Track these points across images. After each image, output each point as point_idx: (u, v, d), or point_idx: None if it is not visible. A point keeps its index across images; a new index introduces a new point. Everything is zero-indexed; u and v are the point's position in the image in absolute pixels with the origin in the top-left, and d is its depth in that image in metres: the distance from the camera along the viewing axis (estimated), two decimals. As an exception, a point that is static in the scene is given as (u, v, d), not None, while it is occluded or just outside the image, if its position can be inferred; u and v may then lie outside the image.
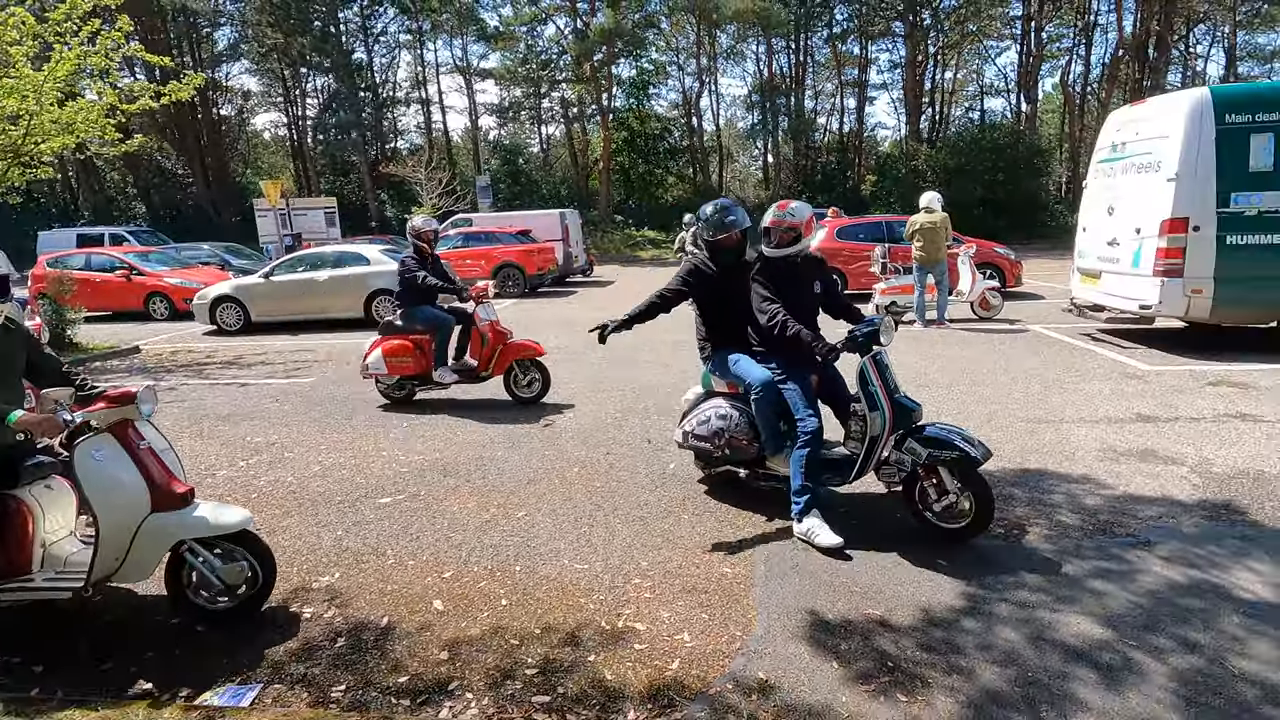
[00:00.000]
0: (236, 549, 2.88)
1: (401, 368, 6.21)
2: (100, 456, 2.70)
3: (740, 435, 3.75)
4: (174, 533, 2.77)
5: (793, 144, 37.06)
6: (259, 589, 2.92)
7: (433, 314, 6.31)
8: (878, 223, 12.74)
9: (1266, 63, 33.84)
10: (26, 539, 2.82)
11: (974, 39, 35.60)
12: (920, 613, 2.85)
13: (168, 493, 2.76)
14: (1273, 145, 6.72)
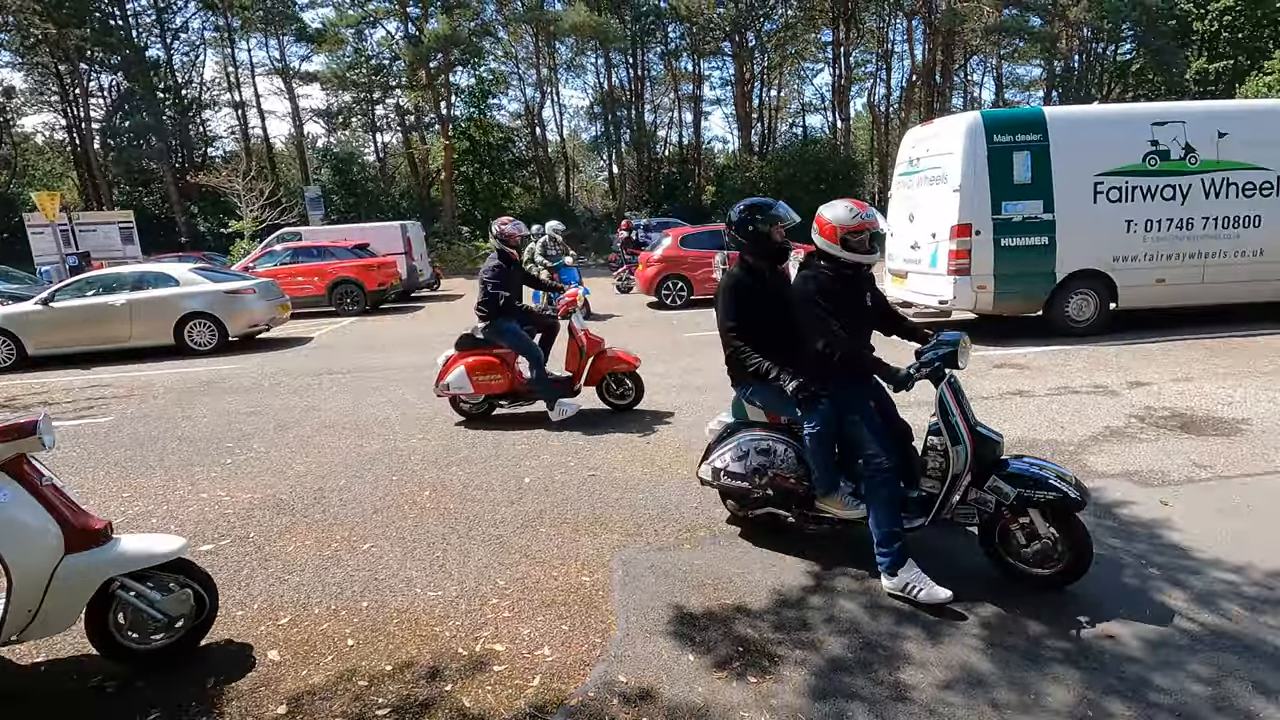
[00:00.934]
0: (174, 578, 2.66)
1: (489, 386, 5.73)
2: (2, 498, 2.36)
3: (788, 473, 3.27)
4: (101, 571, 2.49)
5: (636, 155, 38.13)
6: (202, 619, 2.74)
7: (516, 331, 5.75)
8: (716, 231, 13.41)
9: (1026, 90, 39.90)
10: None
11: (793, 61, 38.75)
12: (769, 596, 3.03)
13: (81, 530, 2.48)
14: (1030, 161, 7.92)
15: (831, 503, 3.22)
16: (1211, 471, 4.15)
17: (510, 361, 5.76)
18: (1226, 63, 28.57)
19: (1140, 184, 8.01)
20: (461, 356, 5.81)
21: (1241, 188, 8.07)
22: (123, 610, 2.61)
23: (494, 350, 5.76)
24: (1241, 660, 2.47)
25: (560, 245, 12.10)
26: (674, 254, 12.78)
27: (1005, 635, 2.68)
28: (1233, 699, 2.29)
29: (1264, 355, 6.90)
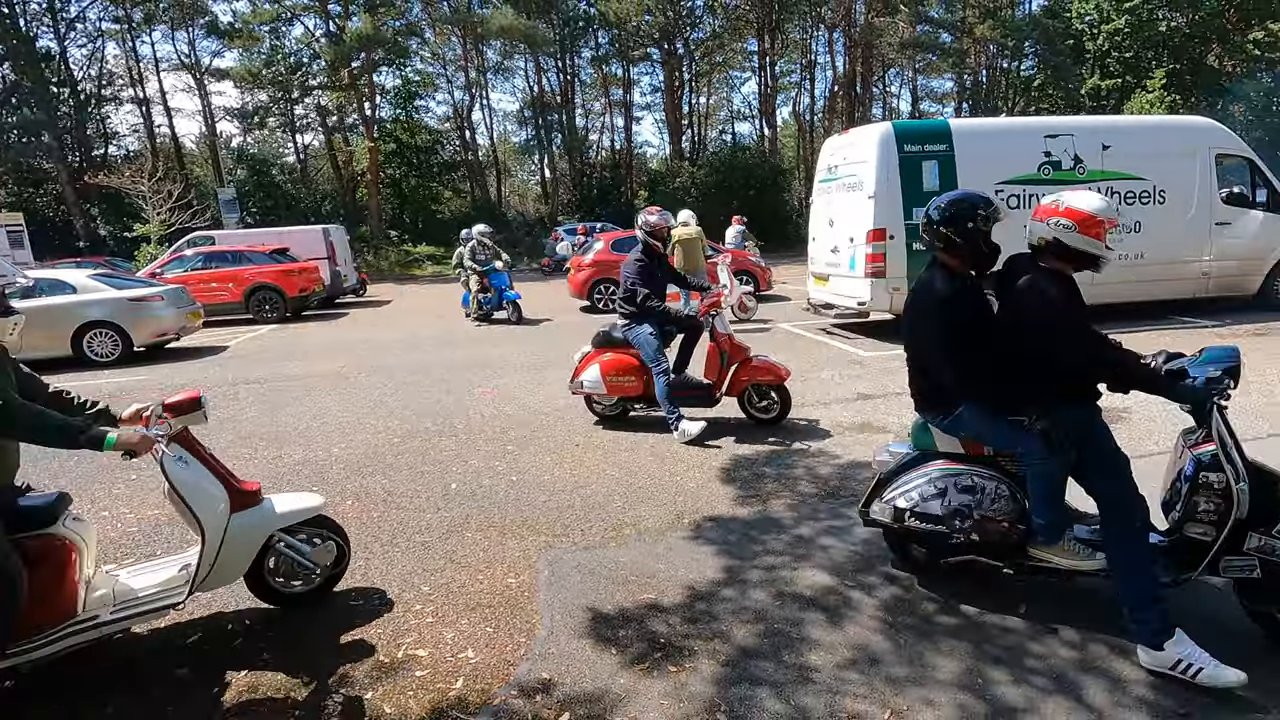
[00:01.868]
0: (318, 532, 3.01)
1: (624, 388, 5.43)
2: (186, 463, 2.68)
3: (999, 515, 2.74)
4: (265, 528, 2.84)
5: (568, 160, 38.09)
6: (339, 568, 3.11)
7: (646, 336, 5.30)
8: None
9: (939, 102, 42.04)
10: (74, 578, 2.60)
11: (721, 69, 39.57)
12: (687, 590, 3.14)
13: (241, 492, 2.80)
14: (938, 170, 8.41)
15: (1056, 551, 2.73)
16: (1092, 457, 4.53)
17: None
18: (1116, 80, 30.94)
19: (1036, 192, 8.62)
20: (597, 354, 5.53)
21: (1124, 196, 8.79)
22: (274, 559, 2.95)
23: (632, 350, 5.41)
24: (1105, 625, 2.74)
25: (490, 249, 12.01)
26: (606, 258, 12.86)
27: (901, 615, 2.88)
28: (1096, 660, 2.54)
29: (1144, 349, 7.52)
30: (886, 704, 2.37)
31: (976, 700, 2.37)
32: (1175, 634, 2.40)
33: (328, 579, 3.10)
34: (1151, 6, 29.67)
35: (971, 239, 2.74)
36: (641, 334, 5.33)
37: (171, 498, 2.70)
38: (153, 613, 2.70)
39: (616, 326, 5.57)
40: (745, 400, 5.52)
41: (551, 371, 7.84)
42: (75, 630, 2.53)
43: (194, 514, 2.65)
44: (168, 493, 2.71)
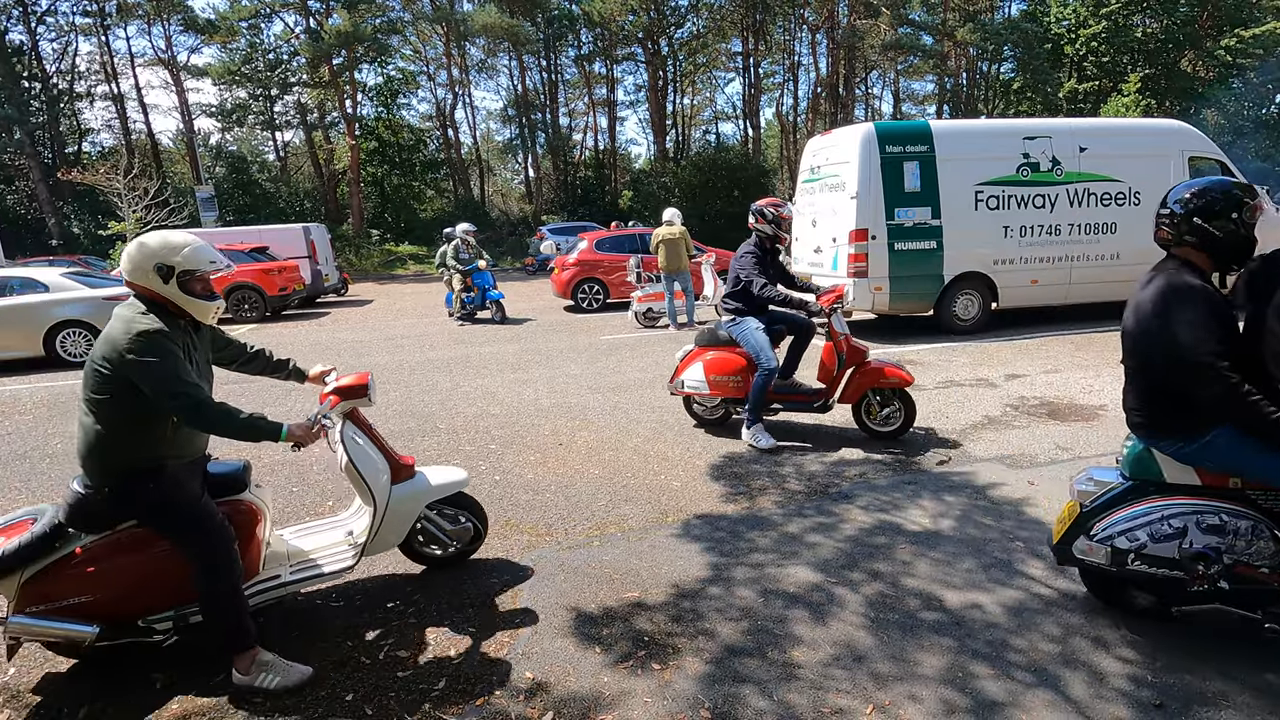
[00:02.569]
0: (461, 512, 3.26)
1: (728, 389, 5.07)
2: (359, 439, 2.93)
3: (1257, 559, 2.38)
4: (420, 500, 3.05)
5: (551, 159, 37.96)
6: (474, 545, 3.36)
7: (754, 332, 4.93)
8: (632, 235, 13.57)
9: (920, 104, 42.45)
10: (259, 540, 2.82)
11: (705, 69, 39.64)
12: (672, 588, 3.13)
13: (401, 466, 3.02)
14: (919, 171, 8.48)
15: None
16: (1071, 453, 4.59)
17: (751, 365, 5.01)
18: (1093, 84, 31.42)
19: (1015, 193, 8.73)
20: (700, 353, 5.21)
21: (1100, 197, 8.93)
22: (421, 531, 3.21)
23: (738, 349, 5.06)
24: (1085, 618, 2.77)
25: (474, 248, 11.93)
26: (589, 258, 12.84)
27: (886, 611, 2.89)
28: (1076, 654, 2.57)
29: (1120, 349, 7.65)
30: (870, 699, 2.38)
31: (960, 694, 2.39)
32: None
33: (466, 550, 3.35)
34: (1128, 12, 30.17)
35: (1233, 234, 2.38)
36: (749, 329, 4.98)
37: (348, 471, 2.91)
38: (330, 575, 2.91)
39: (720, 324, 5.23)
40: (862, 409, 5.03)
41: (535, 370, 7.82)
42: (262, 589, 2.79)
43: (367, 486, 2.89)
44: (344, 466, 2.90)
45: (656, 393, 6.63)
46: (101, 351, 2.34)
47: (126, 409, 2.35)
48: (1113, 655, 2.55)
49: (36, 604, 2.43)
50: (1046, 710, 2.30)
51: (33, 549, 2.43)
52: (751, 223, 5.18)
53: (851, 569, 3.23)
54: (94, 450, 2.39)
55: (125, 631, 2.56)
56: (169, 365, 2.31)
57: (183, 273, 2.42)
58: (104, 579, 2.47)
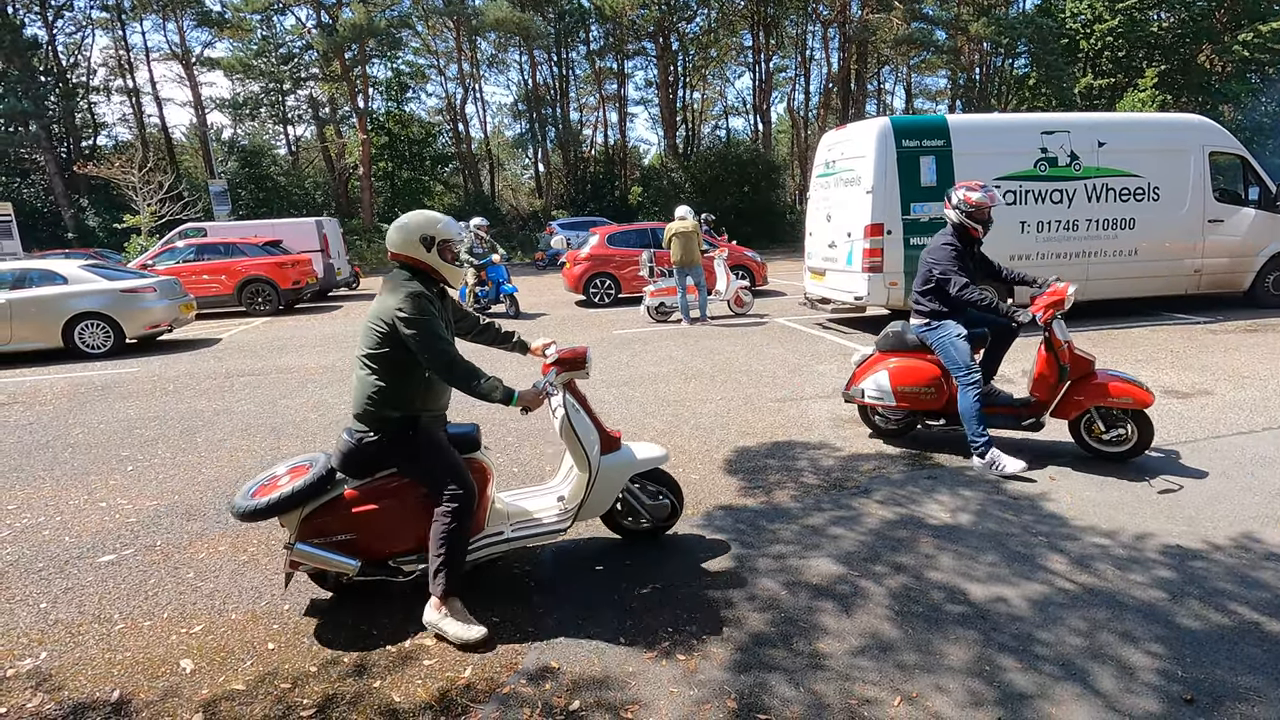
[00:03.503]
0: (661, 489, 3.37)
1: (918, 400, 4.49)
2: (576, 409, 3.04)
3: None
4: (627, 471, 3.16)
5: (562, 154, 37.95)
6: (670, 521, 3.42)
7: (952, 338, 4.30)
8: (644, 230, 13.56)
9: (933, 100, 42.14)
10: (487, 497, 3.02)
11: (715, 64, 39.49)
12: (695, 578, 3.14)
13: (610, 438, 3.15)
14: (935, 165, 8.43)
15: None
16: (1091, 449, 4.55)
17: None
18: (1109, 79, 31.09)
19: (1032, 188, 8.67)
20: (883, 358, 4.68)
21: (1118, 193, 8.85)
22: (620, 503, 3.32)
23: (929, 356, 4.51)
24: (1112, 614, 2.76)
25: (487, 242, 11.94)
26: (601, 252, 12.84)
27: (910, 603, 2.88)
28: (1104, 648, 2.56)
29: (1137, 346, 7.60)
30: (898, 689, 2.38)
31: (987, 686, 2.38)
32: None
33: (662, 525, 3.42)
34: (1143, 6, 29.82)
35: None
36: (947, 335, 4.32)
37: (566, 437, 3.05)
38: (546, 535, 3.10)
39: (907, 327, 4.65)
40: (1082, 427, 4.36)
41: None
42: (490, 543, 3.01)
43: (585, 452, 3.01)
44: (562, 432, 3.05)
45: (671, 386, 6.63)
46: (376, 312, 2.72)
47: (396, 362, 2.69)
48: (1141, 649, 2.54)
49: (313, 537, 2.78)
50: (1075, 703, 2.29)
51: (312, 489, 2.78)
52: (945, 208, 4.49)
53: (874, 561, 3.23)
54: (370, 400, 2.73)
55: (379, 569, 2.88)
56: (430, 324, 2.64)
57: (441, 242, 2.78)
58: (364, 520, 2.80)
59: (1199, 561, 3.13)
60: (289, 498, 2.74)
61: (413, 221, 2.80)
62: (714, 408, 5.87)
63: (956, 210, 4.39)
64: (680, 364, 7.58)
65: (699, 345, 8.70)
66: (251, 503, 2.75)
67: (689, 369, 7.34)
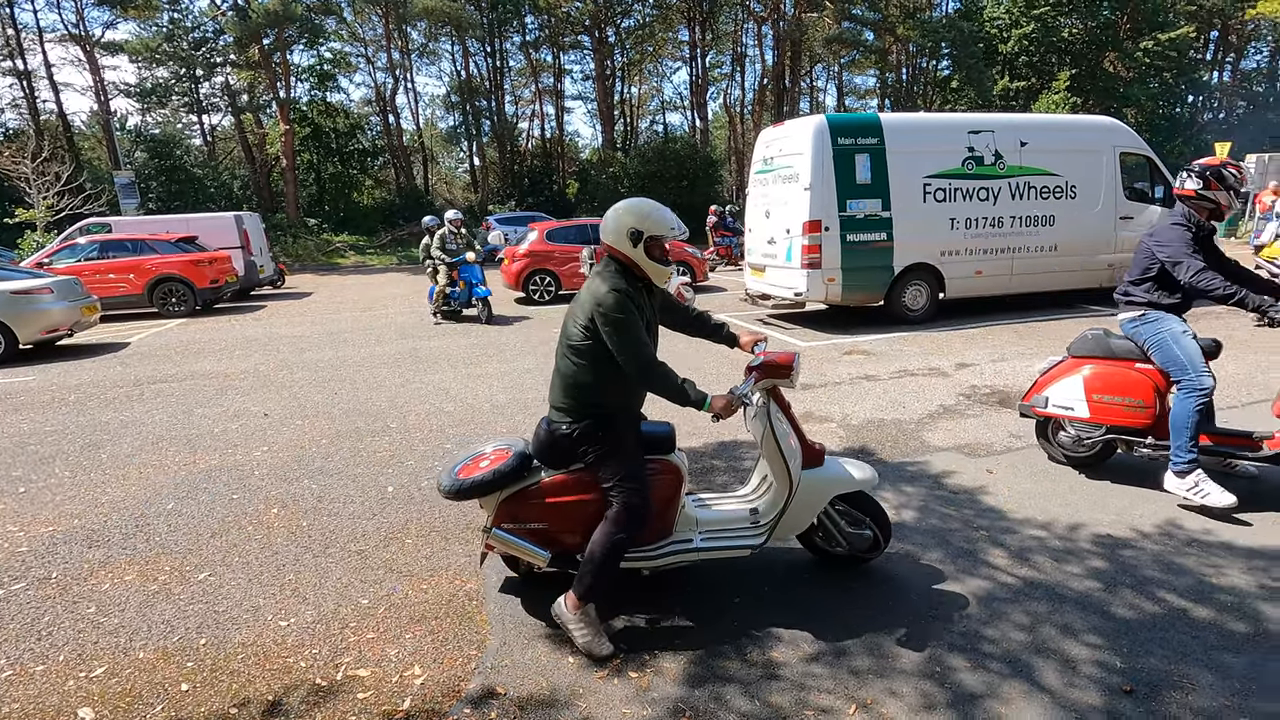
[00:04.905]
0: (864, 518, 3.02)
1: (1120, 414, 3.75)
2: (779, 418, 2.82)
3: None
4: (829, 490, 2.90)
5: (498, 147, 37.19)
6: (873, 553, 3.08)
7: (1175, 338, 3.60)
8: (584, 225, 13.38)
9: (862, 98, 43.29)
10: (677, 501, 2.87)
11: (652, 58, 39.45)
12: (646, 589, 3.04)
13: (813, 451, 2.89)
14: (869, 163, 8.59)
15: None
16: (1025, 441, 4.71)
17: (1163, 385, 3.71)
18: (1025, 82, 32.62)
19: (961, 186, 8.94)
20: (1077, 364, 3.96)
21: (1039, 191, 9.24)
22: (819, 525, 3.05)
23: (1140, 363, 3.78)
24: (1051, 606, 2.82)
25: (462, 238, 10.83)
26: (541, 248, 12.60)
27: (860, 607, 2.87)
28: (1046, 642, 2.61)
29: (1059, 336, 7.95)
30: (852, 697, 2.36)
31: (939, 688, 2.39)
32: None
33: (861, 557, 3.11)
34: (1055, 13, 31.40)
35: None
36: (1169, 330, 3.61)
37: (767, 448, 2.86)
38: (738, 550, 2.87)
39: (1106, 331, 3.97)
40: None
41: (488, 365, 7.60)
42: (678, 550, 2.85)
43: (786, 465, 2.81)
44: (762, 442, 2.87)
45: (615, 386, 6.53)
46: (581, 305, 2.62)
47: (598, 357, 2.60)
48: (1081, 642, 2.59)
49: (508, 522, 2.79)
50: (1023, 701, 2.32)
51: (511, 475, 2.78)
52: (1178, 189, 3.71)
53: (824, 569, 3.20)
54: (569, 392, 2.68)
55: (567, 563, 2.82)
56: (630, 324, 2.53)
57: (650, 238, 2.62)
58: (556, 511, 2.77)
59: (1128, 550, 3.25)
60: (490, 480, 2.75)
61: (623, 212, 2.66)
62: (659, 407, 5.78)
63: (1194, 180, 3.59)
64: (623, 363, 7.48)
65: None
66: (457, 482, 2.78)
67: (632, 368, 7.24)
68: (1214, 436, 3.67)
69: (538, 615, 2.88)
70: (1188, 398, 3.51)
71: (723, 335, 3.01)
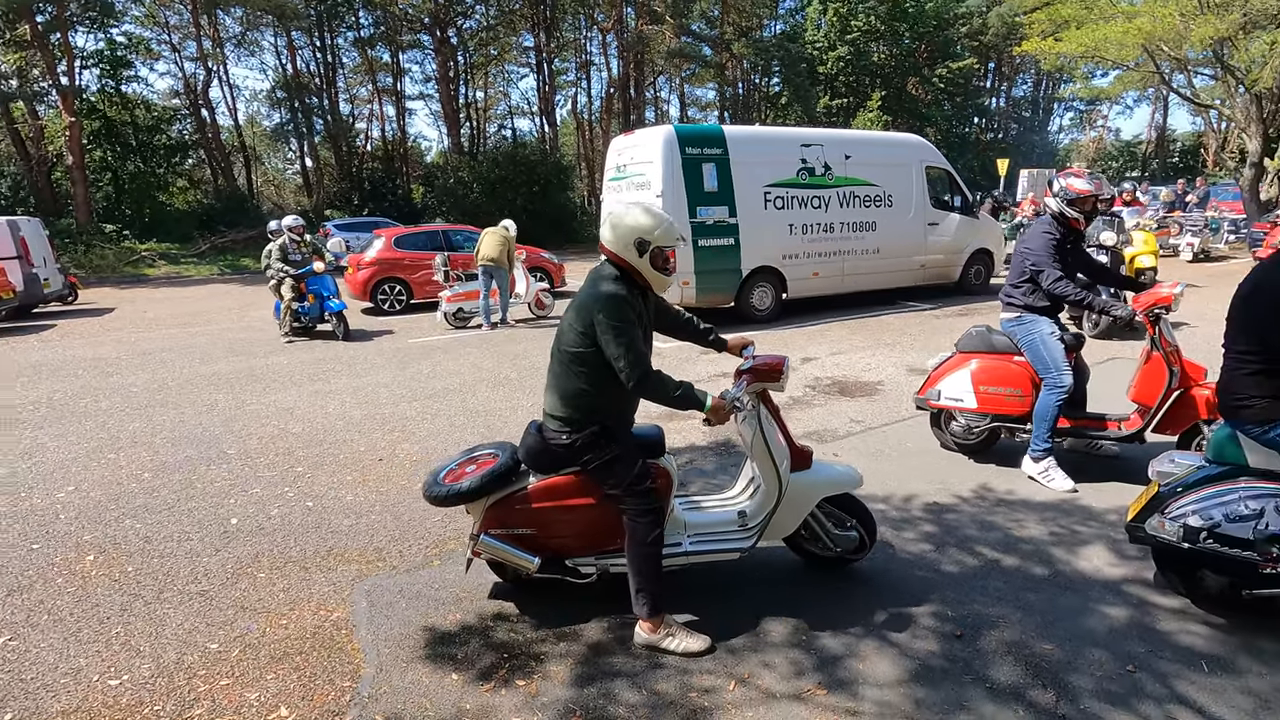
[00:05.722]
0: (849, 519, 3.05)
1: (1003, 404, 4.12)
2: (769, 421, 2.85)
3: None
4: (817, 492, 2.92)
5: (333, 148, 34.80)
6: (858, 555, 3.11)
7: (1043, 339, 3.98)
8: (435, 232, 12.91)
9: (704, 110, 45.42)
10: (667, 505, 2.80)
11: (497, 62, 38.83)
12: (529, 596, 3.03)
13: (801, 454, 2.90)
14: (715, 172, 9.08)
15: None
16: (863, 425, 5.22)
17: (1038, 378, 4.08)
18: (844, 100, 36.01)
19: (797, 194, 9.71)
20: (965, 359, 4.30)
21: (863, 199, 10.25)
22: (805, 527, 3.02)
23: (1017, 357, 4.16)
24: (893, 569, 3.17)
25: (307, 245, 9.70)
26: (389, 256, 11.98)
27: (728, 590, 3.06)
28: (890, 601, 2.93)
29: (886, 331, 8.88)
30: (732, 674, 2.51)
31: (805, 654, 2.60)
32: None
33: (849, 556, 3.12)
34: (866, 40, 34.93)
35: None
36: (1039, 334, 4.02)
37: (757, 451, 2.87)
38: (727, 554, 2.90)
39: (992, 328, 4.35)
40: (1193, 445, 3.82)
41: (336, 381, 7.12)
42: (668, 554, 2.79)
43: (776, 468, 2.83)
44: (753, 445, 2.88)
45: (479, 396, 6.38)
46: (578, 311, 2.60)
47: (597, 365, 2.57)
48: (918, 598, 2.94)
49: (496, 528, 2.78)
50: (877, 656, 2.59)
51: (498, 480, 2.77)
52: (1047, 196, 4.20)
53: (696, 552, 3.36)
54: (568, 401, 2.65)
55: (557, 569, 2.83)
56: (628, 331, 2.52)
57: (657, 248, 2.61)
58: (544, 517, 2.77)
59: (951, 515, 3.72)
60: (478, 486, 2.74)
61: (628, 220, 2.61)
62: (526, 414, 5.76)
63: (1058, 198, 4.05)
64: (487, 371, 7.33)
65: (504, 350, 8.49)
66: (443, 488, 2.78)
67: (497, 376, 7.12)
68: (1076, 420, 4.14)
69: (417, 635, 2.77)
70: (1050, 394, 3.94)
71: (711, 339, 3.07)
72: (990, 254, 11.73)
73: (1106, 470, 4.16)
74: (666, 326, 3.02)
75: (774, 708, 2.34)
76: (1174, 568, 2.81)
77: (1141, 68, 20.06)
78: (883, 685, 2.43)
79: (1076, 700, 2.33)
